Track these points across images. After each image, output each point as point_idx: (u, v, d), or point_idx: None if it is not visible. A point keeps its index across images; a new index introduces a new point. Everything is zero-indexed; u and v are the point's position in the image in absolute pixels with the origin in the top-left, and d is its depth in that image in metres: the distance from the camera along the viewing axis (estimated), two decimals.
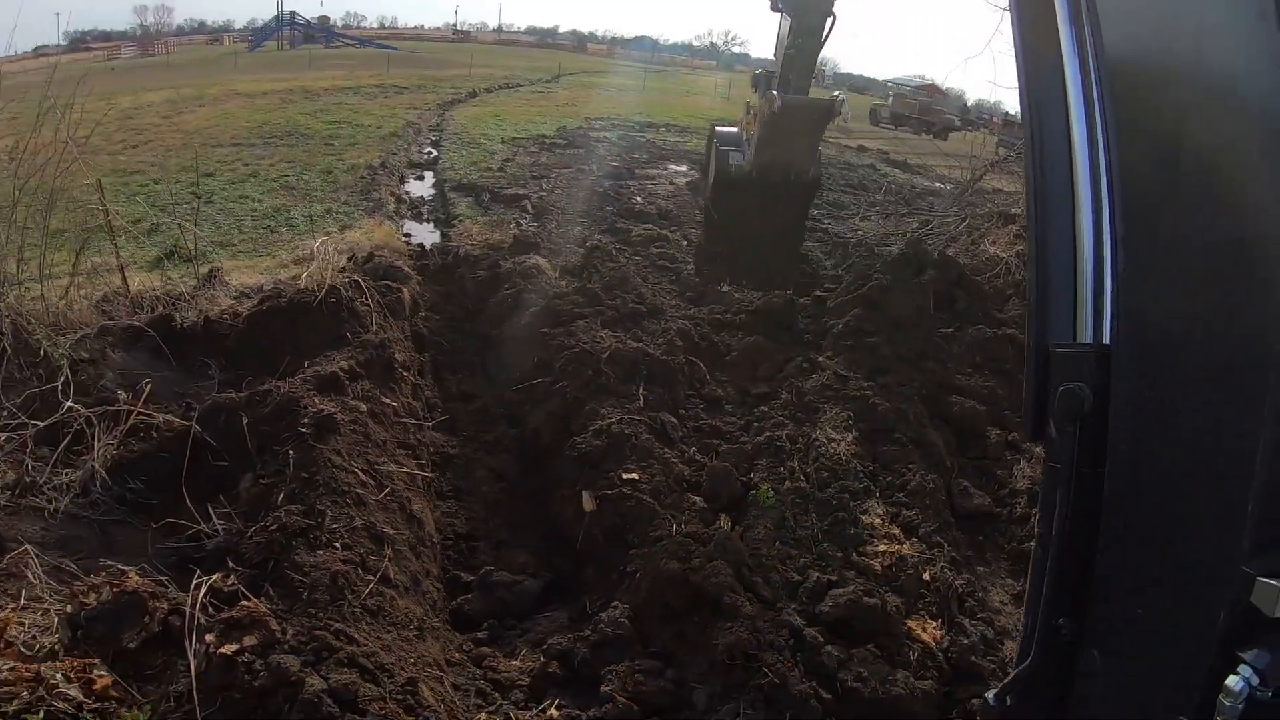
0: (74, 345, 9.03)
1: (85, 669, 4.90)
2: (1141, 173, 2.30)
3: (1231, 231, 2.04)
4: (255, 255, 14.65)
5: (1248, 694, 1.99)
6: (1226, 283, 2.08)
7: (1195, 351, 2.21)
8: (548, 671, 5.81)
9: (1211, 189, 2.10)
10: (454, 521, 7.87)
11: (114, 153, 11.59)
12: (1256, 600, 1.94)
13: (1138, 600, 2.40)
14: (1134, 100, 2.31)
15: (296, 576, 5.68)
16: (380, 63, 62.10)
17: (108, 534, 7.00)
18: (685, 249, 15.62)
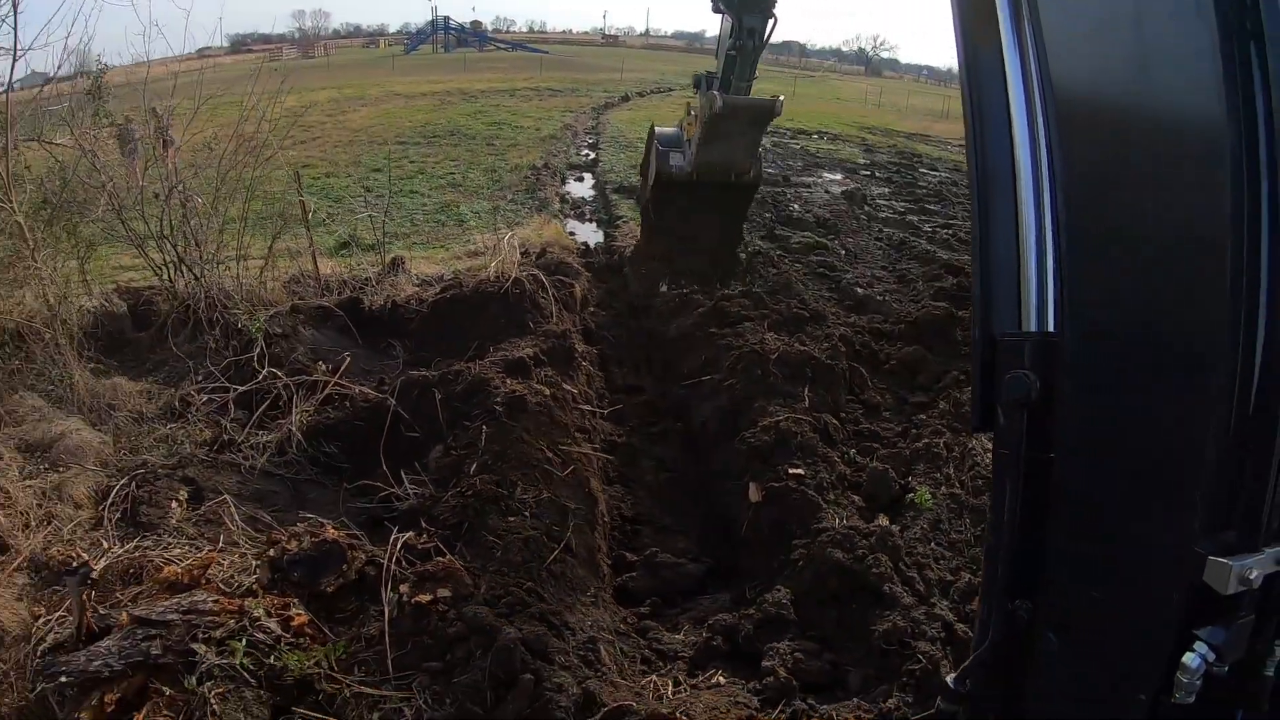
0: (269, 320, 9.83)
1: (284, 607, 5.56)
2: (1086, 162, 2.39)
3: (1175, 231, 2.15)
4: (429, 247, 15.62)
5: (1204, 670, 2.12)
6: (1170, 275, 2.19)
7: (1140, 339, 2.31)
8: (711, 645, 6.12)
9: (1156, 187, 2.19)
10: (620, 505, 8.29)
11: (285, 148, 12.41)
12: (1209, 579, 2.04)
13: (1091, 583, 2.49)
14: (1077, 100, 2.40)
15: (490, 538, 6.27)
16: (532, 66, 64.08)
17: (300, 491, 7.81)
18: (843, 258, 15.70)
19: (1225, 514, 2.09)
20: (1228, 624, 2.12)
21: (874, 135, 37.53)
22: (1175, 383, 2.20)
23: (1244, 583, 2.02)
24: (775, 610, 6.28)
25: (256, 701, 4.86)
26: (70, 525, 6.64)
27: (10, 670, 5.34)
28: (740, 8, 7.58)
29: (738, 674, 5.77)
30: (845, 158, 29.94)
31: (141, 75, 13.01)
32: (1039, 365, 2.49)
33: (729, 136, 9.00)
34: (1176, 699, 2.16)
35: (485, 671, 5.01)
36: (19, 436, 7.62)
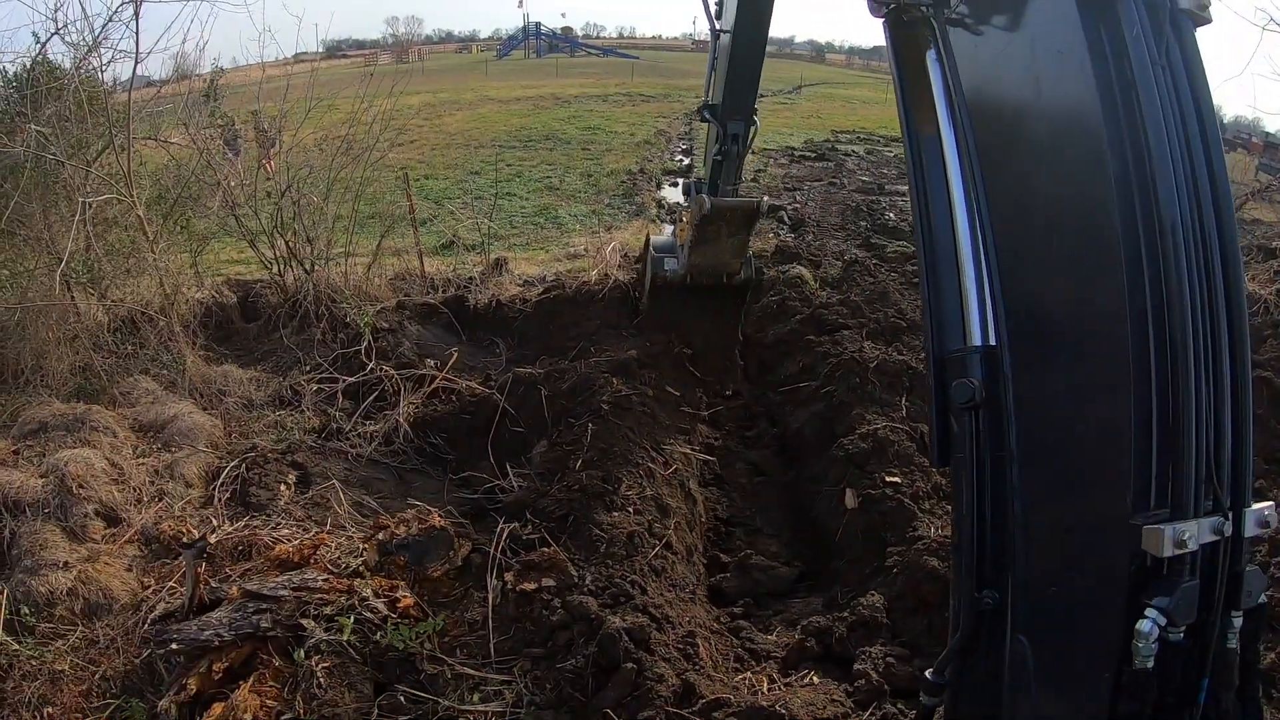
0: (376, 315, 10.09)
1: (391, 588, 5.72)
2: (1006, 204, 2.96)
3: (1077, 221, 2.65)
4: (528, 249, 15.86)
5: (1158, 635, 2.35)
6: (1078, 269, 2.67)
7: (1064, 342, 2.76)
8: (804, 646, 6.06)
9: (1058, 210, 2.74)
10: (715, 507, 8.27)
11: (383, 150, 12.80)
12: (1146, 546, 2.34)
13: (1046, 569, 2.79)
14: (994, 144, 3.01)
15: (595, 531, 6.36)
16: (623, 71, 64.51)
17: (405, 480, 8.01)
18: None
19: (1155, 493, 2.40)
20: (1172, 588, 2.36)
21: None
22: (1096, 374, 2.60)
23: (1179, 545, 2.30)
24: (868, 615, 6.22)
25: (360, 677, 4.99)
26: (181, 502, 6.91)
27: (118, 636, 5.59)
28: (724, 115, 7.71)
29: (829, 675, 5.74)
30: None
31: (247, 78, 13.49)
32: (982, 373, 2.92)
33: (717, 239, 8.93)
34: (1136, 665, 2.38)
35: (588, 658, 5.08)
36: (133, 417, 7.96)
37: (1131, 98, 2.45)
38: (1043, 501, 2.83)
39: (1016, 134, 2.98)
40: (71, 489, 6.60)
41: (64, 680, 5.31)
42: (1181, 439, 2.36)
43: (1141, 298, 2.40)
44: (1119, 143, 2.44)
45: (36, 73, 9.65)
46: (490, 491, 7.45)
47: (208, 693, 4.91)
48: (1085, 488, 2.69)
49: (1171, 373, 2.37)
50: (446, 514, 6.60)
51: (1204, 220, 2.46)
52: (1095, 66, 2.49)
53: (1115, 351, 2.47)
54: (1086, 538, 2.67)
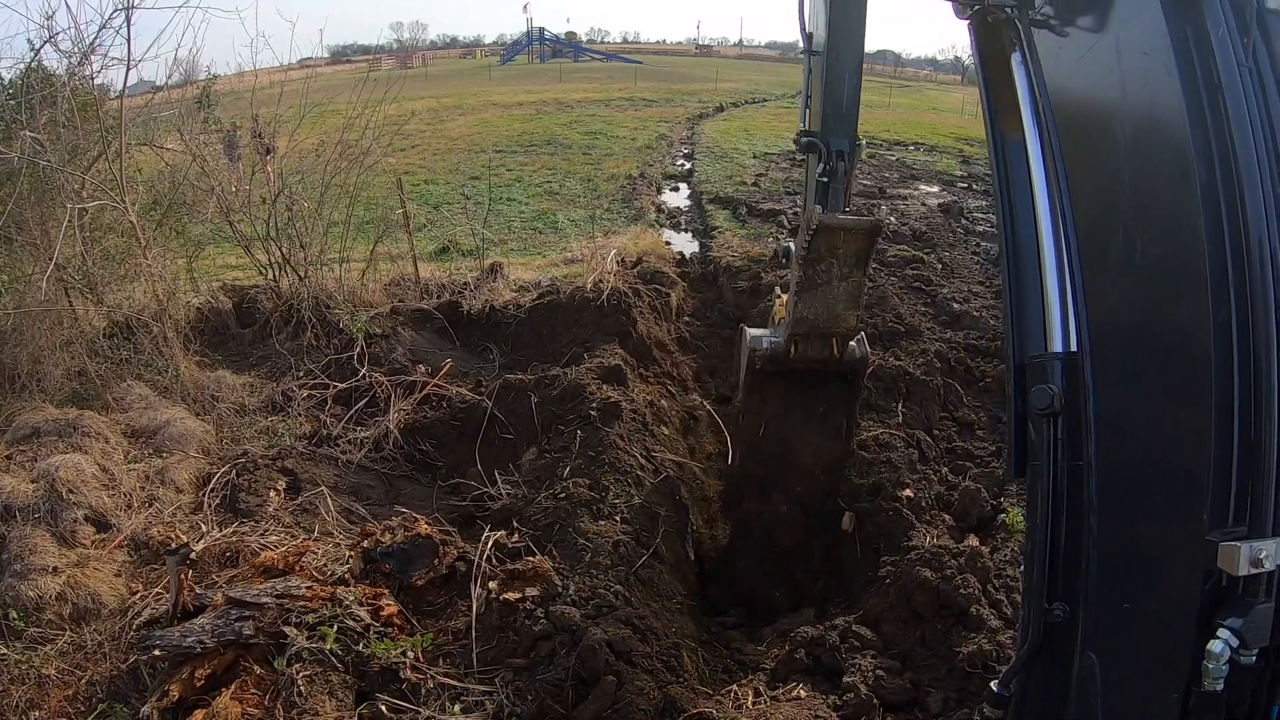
0: (370, 320, 10.13)
1: (375, 597, 5.73)
2: (1091, 208, 2.92)
3: (1161, 228, 2.60)
4: (526, 254, 15.85)
5: (1230, 657, 2.28)
6: (1161, 277, 2.61)
7: (1146, 351, 2.72)
8: (793, 658, 6.05)
9: (1142, 216, 2.69)
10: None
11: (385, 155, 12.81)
12: (1222, 564, 2.26)
13: (1119, 583, 2.74)
14: (1078, 147, 2.98)
15: (580, 540, 6.35)
16: (627, 76, 64.57)
17: (394, 486, 8.04)
18: (940, 272, 15.42)
19: (1233, 510, 2.32)
20: (1246, 608, 2.29)
21: (971, 146, 36.60)
22: (1177, 385, 2.55)
23: (1256, 564, 2.22)
24: (857, 628, 6.24)
25: (342, 686, 5.01)
26: (171, 508, 6.95)
27: (105, 641, 5.62)
28: (825, 133, 7.21)
29: (818, 688, 5.73)
30: (942, 169, 29.38)
31: (246, 84, 13.52)
32: (1062, 380, 2.89)
33: (828, 280, 7.32)
34: (1205, 687, 2.32)
35: (569, 670, 5.08)
36: (126, 422, 8.00)
37: (1218, 101, 2.40)
38: (1119, 515, 2.80)
39: (1101, 137, 2.94)
40: (62, 494, 6.64)
41: (51, 685, 5.34)
42: (1263, 455, 2.30)
43: (1225, 310, 2.34)
44: (1206, 149, 2.40)
45: (31, 79, 9.69)
46: (479, 499, 7.46)
47: (190, 699, 4.93)
48: (1163, 502, 2.63)
49: (1254, 388, 2.32)
50: (434, 521, 6.60)
51: None
52: (1181, 68, 2.45)
53: (1197, 364, 2.41)
54: (1161, 553, 2.63)
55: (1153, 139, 2.63)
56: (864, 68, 7.29)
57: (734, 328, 12.33)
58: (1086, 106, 3.02)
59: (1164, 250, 2.58)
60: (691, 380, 10.86)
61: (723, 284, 13.94)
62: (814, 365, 7.62)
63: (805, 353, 7.57)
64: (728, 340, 12.08)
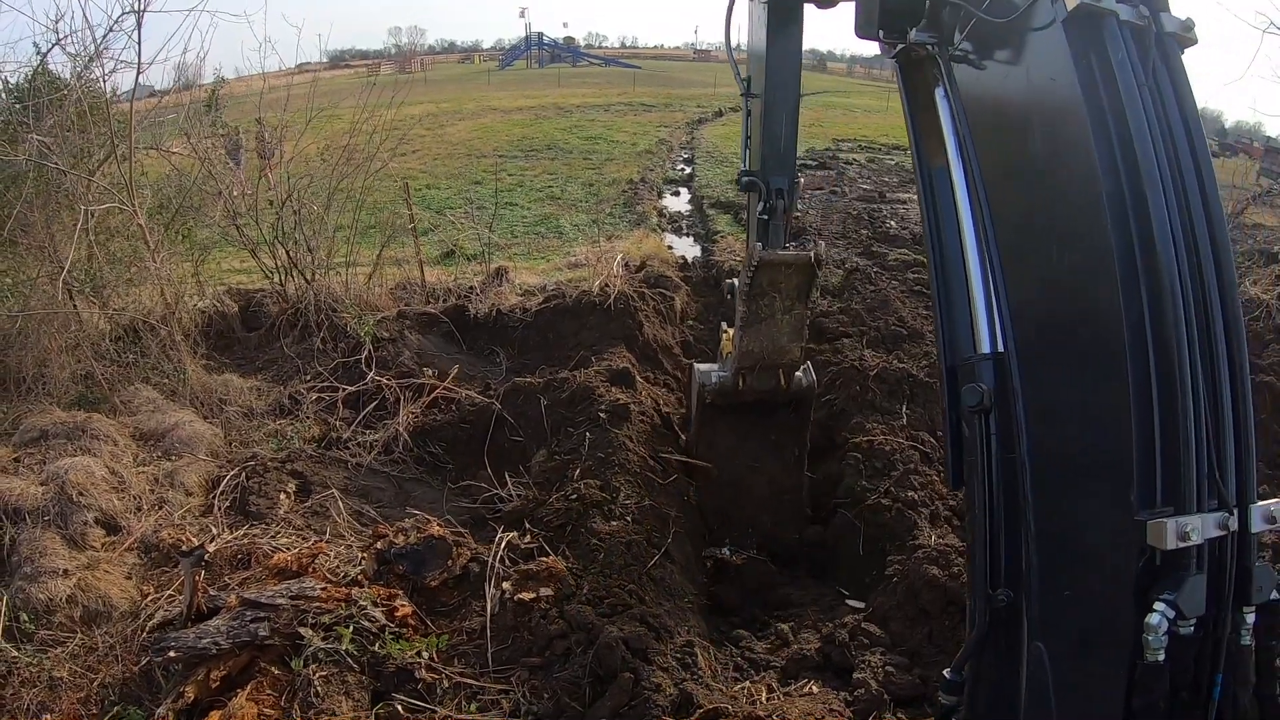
0: (377, 324, 10.14)
1: (389, 598, 5.74)
2: (1011, 224, 3.20)
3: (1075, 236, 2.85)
4: (529, 258, 15.89)
5: (1168, 628, 2.46)
6: (1077, 279, 2.87)
7: (1067, 347, 2.96)
8: (802, 655, 6.09)
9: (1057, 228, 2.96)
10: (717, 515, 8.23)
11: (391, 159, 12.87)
12: (1152, 541, 2.48)
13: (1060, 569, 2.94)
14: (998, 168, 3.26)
15: (593, 541, 6.39)
16: (625, 81, 64.60)
17: (404, 489, 8.02)
18: None
19: (1159, 489, 2.54)
20: (1179, 581, 2.49)
21: None
22: (1098, 380, 2.76)
23: (1183, 538, 2.44)
24: (866, 625, 6.30)
25: (358, 686, 5.01)
26: (181, 510, 6.94)
27: (117, 644, 5.61)
28: (765, 172, 7.30)
29: (828, 685, 5.76)
30: None
31: (249, 88, 13.55)
32: (990, 378, 3.15)
33: (771, 314, 7.46)
34: (1148, 659, 2.49)
35: (585, 668, 5.10)
36: (134, 425, 7.99)
37: (1120, 119, 2.66)
38: (1054, 504, 2.97)
39: (1018, 159, 3.19)
40: (72, 496, 6.63)
41: (63, 687, 5.32)
42: (1180, 436, 2.51)
43: (1137, 305, 2.57)
44: (1110, 162, 2.64)
45: (38, 83, 9.70)
46: (489, 500, 7.48)
47: (205, 701, 4.93)
48: (1093, 489, 2.81)
49: (1167, 378, 2.54)
50: (445, 523, 6.61)
51: (1195, 231, 2.65)
52: (1085, 92, 2.71)
53: (1115, 359, 2.62)
54: (1096, 538, 2.80)
55: (1064, 158, 2.88)
56: (864, 71, 7.37)
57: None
58: (1003, 132, 3.28)
59: (1078, 258, 2.85)
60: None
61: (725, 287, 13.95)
62: (762, 396, 7.80)
63: (753, 385, 7.72)
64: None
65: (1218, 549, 2.57)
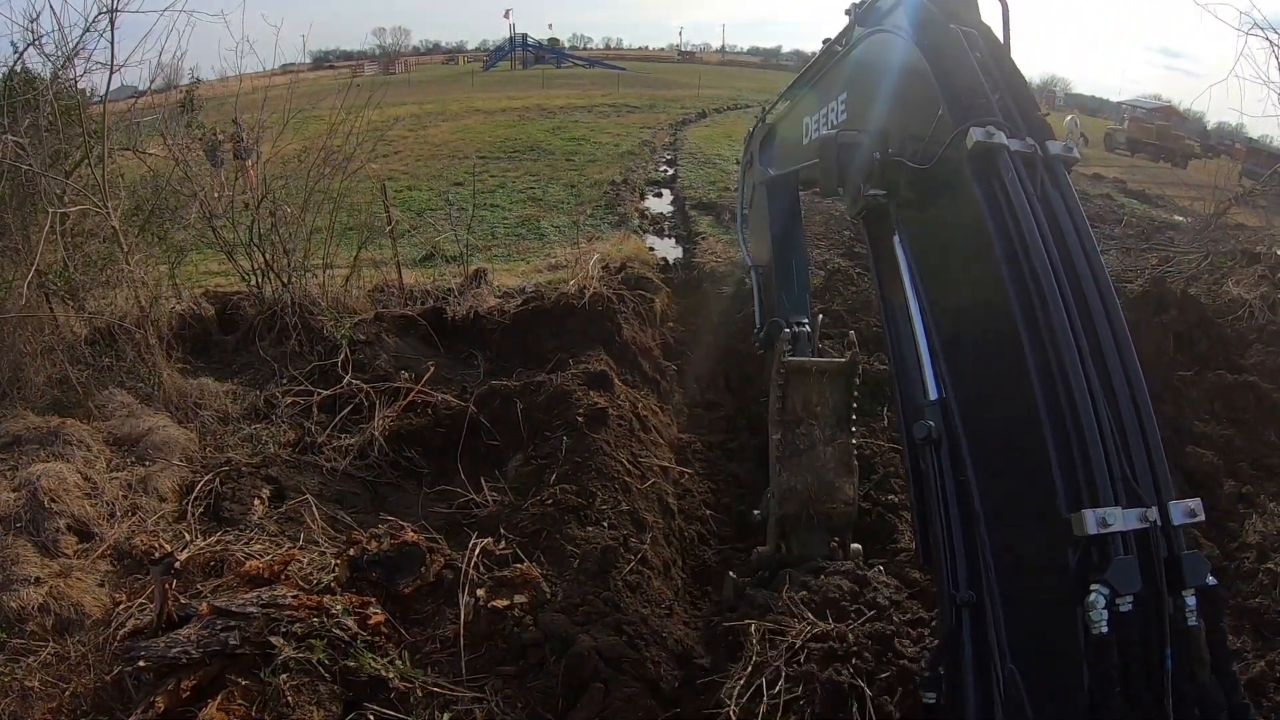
0: (354, 327, 10.07)
1: (362, 605, 5.65)
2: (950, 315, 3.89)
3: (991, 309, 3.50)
4: (509, 260, 15.86)
5: (1105, 604, 2.79)
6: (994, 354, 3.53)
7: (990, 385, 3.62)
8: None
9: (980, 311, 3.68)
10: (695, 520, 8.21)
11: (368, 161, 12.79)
12: (1076, 530, 2.87)
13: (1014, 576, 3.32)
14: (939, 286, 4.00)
15: (568, 547, 6.37)
16: (609, 82, 64.63)
17: (380, 494, 7.98)
18: None
19: (1081, 490, 2.97)
20: (1107, 561, 2.84)
21: None
22: (1020, 415, 3.28)
23: (1103, 525, 2.85)
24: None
25: (330, 696, 4.94)
26: (154, 517, 6.87)
27: (89, 653, 5.54)
28: (786, 314, 6.86)
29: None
30: None
31: (230, 90, 13.43)
32: (938, 417, 3.71)
33: (811, 446, 6.53)
34: (1093, 632, 2.79)
35: (558, 678, 5.07)
36: (108, 430, 7.90)
37: (1016, 223, 3.36)
38: (1000, 518, 3.42)
39: (950, 267, 3.96)
40: (44, 503, 6.55)
41: (34, 697, 5.25)
42: (1088, 448, 3.00)
43: (1040, 346, 3.20)
44: (1010, 253, 3.35)
45: (13, 83, 9.59)
46: (465, 505, 7.42)
47: (176, 711, 4.86)
48: (1029, 502, 3.27)
49: (1069, 398, 3.08)
50: (420, 529, 6.54)
51: (1085, 294, 3.33)
52: (989, 208, 3.44)
53: (1028, 391, 3.20)
54: (1038, 543, 3.20)
55: (980, 259, 3.55)
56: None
57: (717, 333, 12.35)
58: (938, 252, 4.03)
59: (995, 321, 3.45)
60: (676, 386, 10.85)
61: (706, 290, 13.96)
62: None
63: (799, 551, 6.52)
64: (711, 346, 12.09)
65: (1144, 540, 2.92)
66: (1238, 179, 27.34)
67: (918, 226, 4.14)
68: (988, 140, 3.46)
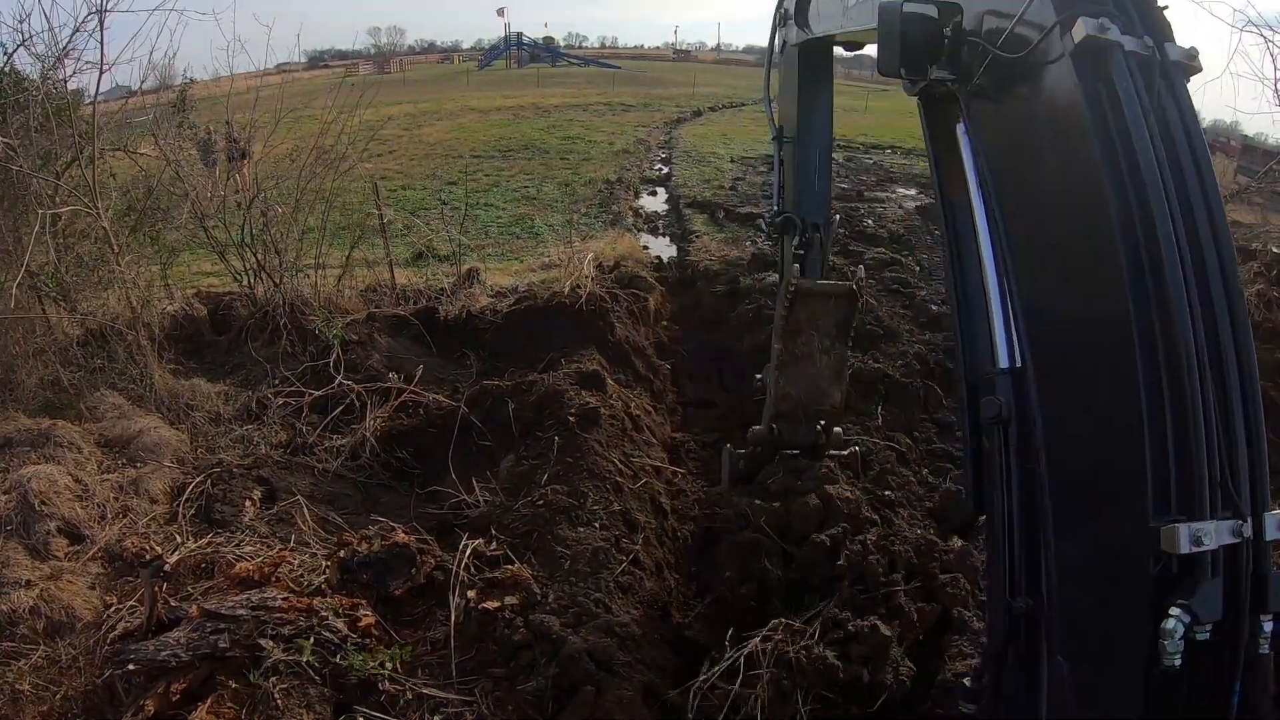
0: (346, 327, 10.04)
1: (352, 608, 5.66)
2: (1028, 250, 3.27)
3: (1088, 253, 2.95)
4: (503, 259, 15.78)
5: (1184, 633, 2.47)
6: (1089, 295, 2.97)
7: (1080, 358, 3.04)
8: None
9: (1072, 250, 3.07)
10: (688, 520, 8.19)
11: (362, 160, 12.77)
12: (1165, 546, 2.51)
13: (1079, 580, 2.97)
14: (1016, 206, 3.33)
15: (559, 548, 6.32)
16: (605, 81, 64.49)
17: (371, 495, 7.93)
18: (918, 274, 15.52)
19: (1171, 496, 2.58)
20: (1194, 586, 2.51)
21: None
22: (1110, 391, 2.85)
23: (1196, 543, 2.48)
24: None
25: (320, 699, 4.93)
26: (145, 519, 6.85)
27: (80, 655, 5.52)
28: (802, 211, 7.14)
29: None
30: (919, 172, 29.42)
31: (224, 89, 13.39)
32: (1009, 392, 3.22)
33: (809, 354, 7.14)
34: (1165, 664, 2.49)
35: (549, 680, 5.04)
36: (99, 432, 7.87)
37: (1127, 144, 2.77)
38: (1072, 515, 3.01)
39: (1034, 185, 3.29)
40: (34, 506, 6.53)
41: (25, 700, 5.22)
42: (1191, 445, 2.58)
43: (1146, 317, 2.67)
44: (1118, 186, 2.76)
45: (3, 84, 9.56)
46: (457, 507, 7.39)
47: (166, 714, 4.85)
48: (1109, 499, 2.86)
49: (1178, 384, 2.61)
50: (411, 530, 6.53)
51: (1203, 247, 2.80)
52: (1094, 120, 2.83)
53: (1126, 368, 2.70)
54: (1113, 547, 2.83)
55: (1076, 183, 2.98)
56: (845, 72, 7.37)
57: (711, 331, 12.33)
58: (1020, 162, 3.37)
59: (1089, 275, 2.95)
60: (670, 385, 10.84)
61: (700, 288, 13.92)
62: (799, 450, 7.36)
63: (789, 438, 7.31)
64: (706, 344, 12.09)
65: (1233, 556, 2.60)
66: (1233, 176, 27.33)
67: (993, 121, 3.48)
68: (1100, 35, 2.83)
